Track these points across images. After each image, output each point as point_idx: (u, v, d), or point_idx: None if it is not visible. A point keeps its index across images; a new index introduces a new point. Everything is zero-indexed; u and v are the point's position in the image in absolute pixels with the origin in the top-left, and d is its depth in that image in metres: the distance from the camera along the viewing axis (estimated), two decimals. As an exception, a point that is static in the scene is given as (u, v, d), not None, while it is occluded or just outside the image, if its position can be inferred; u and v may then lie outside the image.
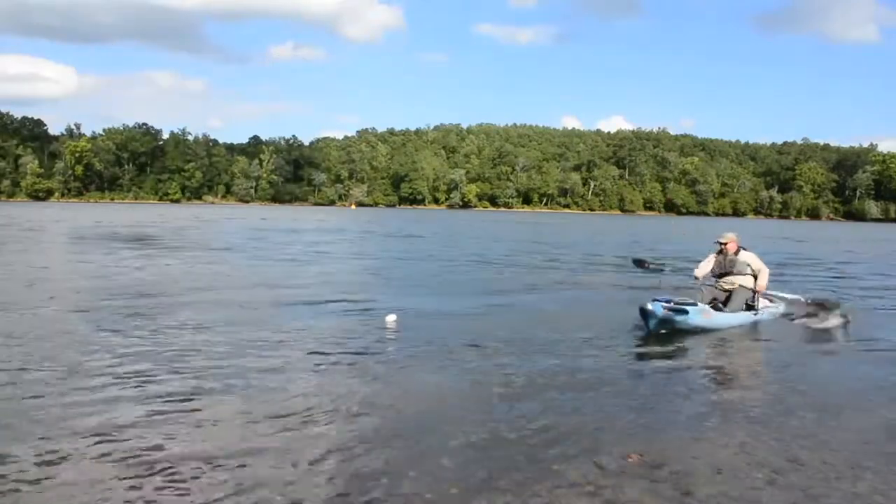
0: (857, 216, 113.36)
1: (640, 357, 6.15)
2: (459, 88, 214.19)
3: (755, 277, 7.97)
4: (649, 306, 6.81)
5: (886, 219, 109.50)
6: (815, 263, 18.65)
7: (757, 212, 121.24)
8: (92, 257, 14.79)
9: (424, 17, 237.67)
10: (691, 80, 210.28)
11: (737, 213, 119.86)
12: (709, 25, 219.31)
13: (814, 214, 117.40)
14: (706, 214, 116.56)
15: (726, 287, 7.97)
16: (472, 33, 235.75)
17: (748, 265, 7.98)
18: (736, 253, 8.02)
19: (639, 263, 8.53)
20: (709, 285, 8.05)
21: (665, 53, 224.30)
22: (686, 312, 6.92)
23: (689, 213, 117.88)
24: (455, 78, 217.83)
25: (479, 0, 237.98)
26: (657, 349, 6.38)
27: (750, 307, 7.92)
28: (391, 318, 7.30)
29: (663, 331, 6.86)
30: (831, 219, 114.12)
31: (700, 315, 7.11)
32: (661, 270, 8.02)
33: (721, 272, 8.06)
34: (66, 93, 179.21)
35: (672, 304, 6.97)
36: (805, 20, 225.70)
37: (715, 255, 8.17)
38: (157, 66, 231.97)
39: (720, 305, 7.85)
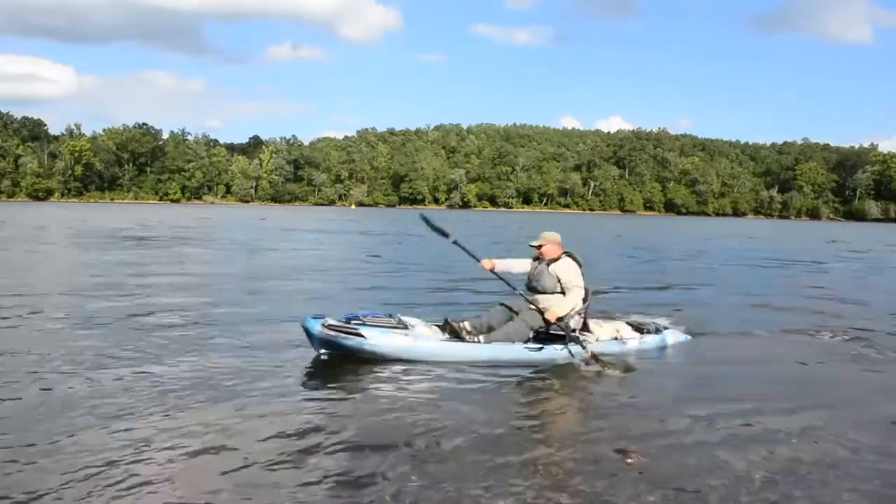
0: (858, 216, 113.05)
1: (640, 358, 6.16)
2: (459, 88, 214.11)
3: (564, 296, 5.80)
4: (308, 324, 5.31)
5: (887, 219, 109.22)
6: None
7: (757, 212, 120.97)
8: (130, 257, 14.82)
9: (422, 18, 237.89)
10: (690, 80, 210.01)
11: (737, 213, 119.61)
12: (706, 25, 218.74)
13: (814, 214, 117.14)
14: (706, 214, 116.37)
15: (533, 307, 5.82)
16: (469, 34, 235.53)
17: (557, 279, 5.85)
18: (553, 261, 5.93)
19: (427, 222, 6.83)
20: (502, 305, 6.06)
21: (663, 53, 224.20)
22: (361, 336, 5.30)
23: (689, 213, 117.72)
24: (454, 78, 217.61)
25: (476, 1, 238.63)
26: (658, 350, 6.40)
27: (546, 336, 5.78)
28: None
29: (337, 354, 5.35)
30: (831, 219, 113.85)
31: (389, 341, 5.36)
32: (446, 236, 6.16)
33: (529, 284, 6.02)
34: (66, 93, 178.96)
35: (350, 323, 5.36)
36: (802, 20, 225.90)
37: (532, 259, 6.16)
38: (157, 67, 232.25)
39: (470, 335, 5.77)
